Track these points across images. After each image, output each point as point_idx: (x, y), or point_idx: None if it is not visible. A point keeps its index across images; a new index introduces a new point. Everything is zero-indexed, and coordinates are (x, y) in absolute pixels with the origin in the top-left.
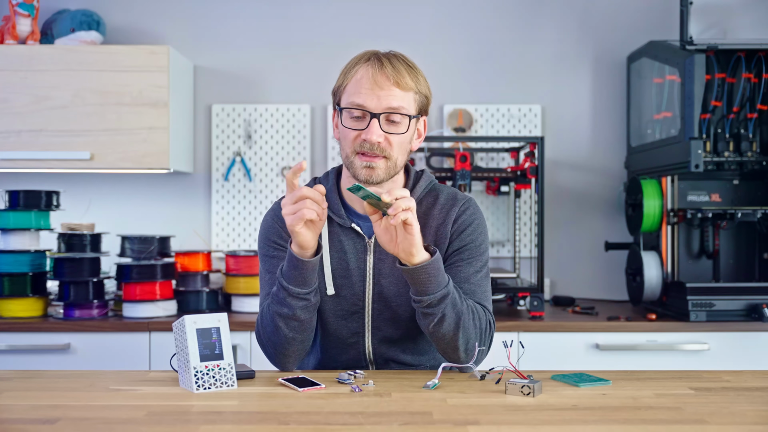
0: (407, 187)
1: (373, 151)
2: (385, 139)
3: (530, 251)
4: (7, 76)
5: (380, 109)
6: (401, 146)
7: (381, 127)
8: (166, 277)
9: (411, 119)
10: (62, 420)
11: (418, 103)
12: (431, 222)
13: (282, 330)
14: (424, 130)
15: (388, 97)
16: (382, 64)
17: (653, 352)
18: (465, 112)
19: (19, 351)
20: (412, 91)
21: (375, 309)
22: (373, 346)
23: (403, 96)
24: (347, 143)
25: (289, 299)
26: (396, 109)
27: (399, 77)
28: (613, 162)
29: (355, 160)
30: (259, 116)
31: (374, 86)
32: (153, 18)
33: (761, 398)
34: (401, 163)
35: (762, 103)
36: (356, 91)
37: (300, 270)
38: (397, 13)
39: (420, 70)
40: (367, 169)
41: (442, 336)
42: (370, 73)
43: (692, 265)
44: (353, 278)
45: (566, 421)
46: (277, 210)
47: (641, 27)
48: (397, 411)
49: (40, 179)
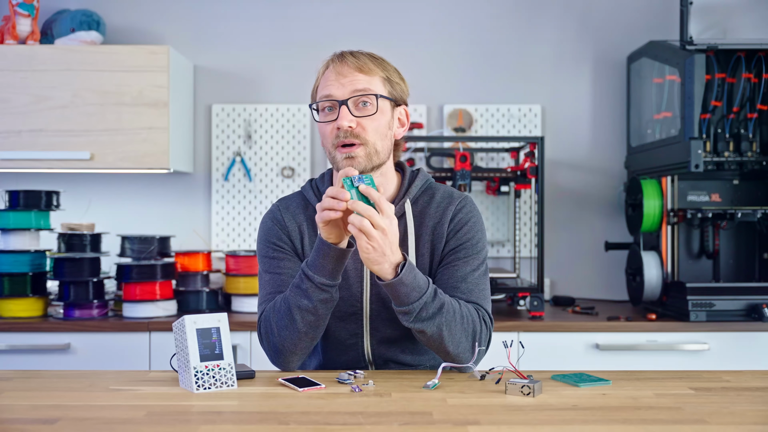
0: (402, 186)
1: (348, 138)
2: (358, 125)
3: (530, 251)
4: (7, 76)
5: (346, 94)
6: (377, 131)
7: (351, 113)
8: (166, 277)
9: (378, 99)
10: (62, 420)
11: (388, 89)
12: (427, 221)
13: (297, 323)
14: (407, 120)
15: (352, 83)
16: (343, 57)
17: (653, 352)
18: (465, 112)
19: (19, 351)
20: (378, 75)
21: (373, 310)
22: (372, 347)
23: (369, 80)
24: (326, 139)
25: (312, 291)
26: (361, 90)
27: (360, 64)
28: (613, 162)
29: (337, 154)
30: (259, 116)
31: (338, 76)
32: (153, 18)
33: (761, 398)
34: (383, 150)
35: (762, 103)
36: (323, 86)
37: (329, 258)
38: (397, 13)
39: (388, 62)
40: (348, 159)
41: (428, 342)
42: (332, 67)
43: (692, 265)
44: (350, 280)
45: (566, 421)
46: (275, 212)
47: (641, 27)
48: (397, 411)
49: (40, 179)
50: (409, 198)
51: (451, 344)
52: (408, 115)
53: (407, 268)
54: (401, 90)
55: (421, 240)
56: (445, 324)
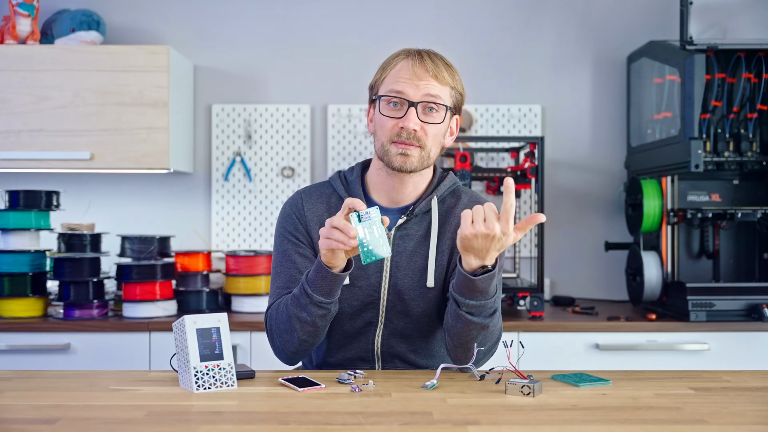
0: (432, 183)
1: (409, 139)
2: (422, 129)
3: (530, 251)
4: (7, 76)
5: (418, 97)
6: (436, 138)
7: (418, 116)
8: (166, 277)
9: (447, 110)
10: (62, 420)
11: (453, 99)
12: (452, 221)
13: (297, 332)
14: (456, 129)
15: (427, 87)
16: (422, 57)
17: (653, 352)
18: (465, 112)
19: (19, 351)
20: (449, 86)
21: (389, 301)
22: (384, 337)
23: (441, 89)
24: (383, 132)
25: (310, 306)
26: (434, 98)
27: (437, 71)
28: (613, 162)
29: (391, 148)
30: (259, 116)
31: (413, 76)
32: (153, 18)
33: (761, 398)
34: (434, 156)
35: (762, 103)
36: (395, 81)
37: (327, 281)
38: (397, 13)
39: (456, 71)
40: (402, 156)
41: (461, 332)
42: (410, 64)
43: (692, 265)
44: (370, 269)
45: (566, 421)
46: (296, 199)
47: (641, 27)
48: (397, 411)
49: (40, 179)
50: (437, 196)
51: (481, 342)
52: (458, 126)
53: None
54: (461, 101)
55: (444, 237)
56: (488, 327)
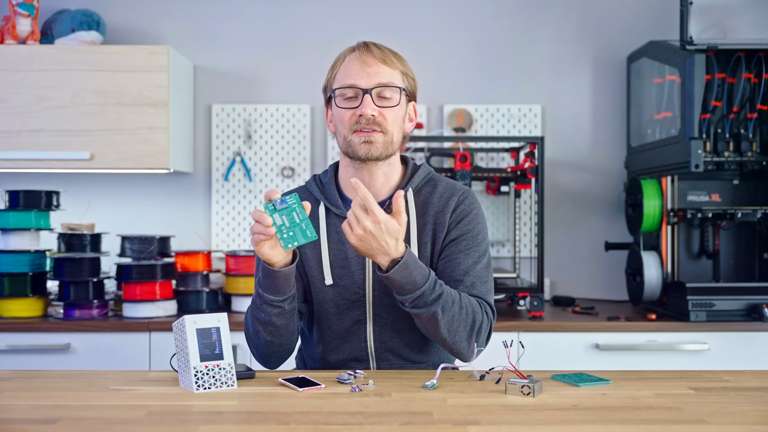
0: (405, 176)
1: (369, 125)
2: (380, 114)
3: (530, 251)
4: (7, 76)
5: (371, 85)
6: (395, 122)
7: (374, 102)
8: (166, 277)
9: (401, 93)
10: (62, 420)
11: (406, 83)
12: (430, 210)
13: (261, 334)
14: (415, 116)
15: (377, 74)
16: (368, 47)
17: (653, 352)
18: (465, 112)
19: (19, 351)
20: (399, 70)
21: (376, 297)
22: (375, 333)
23: (392, 72)
24: (343, 124)
25: (264, 306)
26: (386, 83)
27: (385, 56)
28: (613, 162)
29: (353, 138)
30: (259, 116)
31: (363, 65)
32: (153, 18)
33: (761, 398)
34: (397, 142)
35: (762, 103)
36: (346, 75)
37: (272, 278)
38: (397, 13)
39: (405, 59)
40: (366, 144)
41: (423, 326)
42: (357, 56)
43: (692, 265)
44: (352, 267)
45: (566, 421)
46: None
47: (641, 27)
48: (397, 411)
49: (40, 179)
50: (412, 188)
51: (448, 332)
52: (416, 112)
53: (401, 264)
54: (413, 86)
55: (425, 229)
56: (441, 312)
